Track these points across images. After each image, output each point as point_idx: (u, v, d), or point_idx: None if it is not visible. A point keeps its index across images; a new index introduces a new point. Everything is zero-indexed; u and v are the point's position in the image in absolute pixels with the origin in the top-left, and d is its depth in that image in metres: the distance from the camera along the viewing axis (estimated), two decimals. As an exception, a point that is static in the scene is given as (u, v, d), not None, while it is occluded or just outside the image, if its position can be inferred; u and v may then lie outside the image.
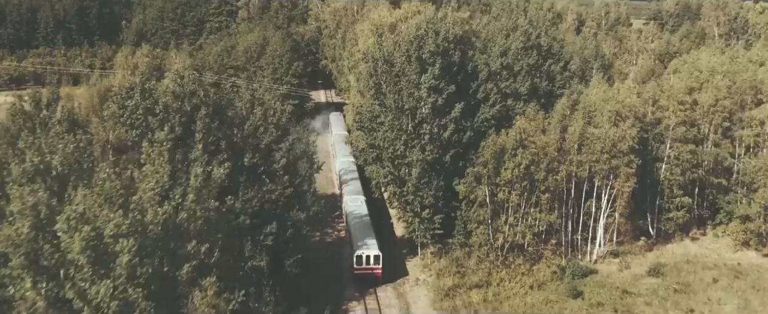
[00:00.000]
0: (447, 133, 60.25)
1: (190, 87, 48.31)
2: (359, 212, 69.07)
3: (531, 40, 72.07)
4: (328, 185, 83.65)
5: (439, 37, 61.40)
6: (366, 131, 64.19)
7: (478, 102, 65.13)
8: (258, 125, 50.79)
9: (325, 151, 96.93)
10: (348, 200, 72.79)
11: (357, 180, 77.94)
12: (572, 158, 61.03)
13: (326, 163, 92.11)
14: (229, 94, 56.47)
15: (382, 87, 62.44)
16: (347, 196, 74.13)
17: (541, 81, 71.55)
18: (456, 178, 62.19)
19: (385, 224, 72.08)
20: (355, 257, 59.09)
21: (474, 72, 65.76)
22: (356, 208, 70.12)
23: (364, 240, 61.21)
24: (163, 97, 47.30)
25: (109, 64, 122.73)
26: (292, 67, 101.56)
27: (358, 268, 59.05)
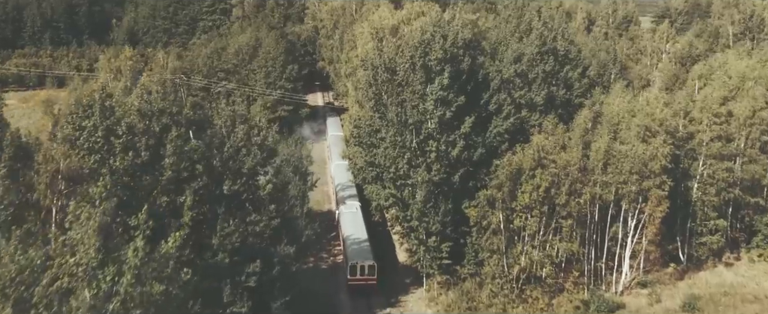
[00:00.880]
0: (456, 150, 52.97)
1: (158, 104, 40.89)
2: (354, 220, 63.61)
3: (547, 44, 64.69)
4: (323, 200, 76.40)
5: (446, 41, 54.03)
6: (365, 146, 56.82)
7: (489, 114, 57.73)
8: (239, 147, 43.41)
9: (322, 159, 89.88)
10: (342, 208, 67.69)
11: (352, 186, 72.28)
12: (596, 179, 53.76)
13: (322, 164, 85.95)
14: (206, 110, 48.96)
15: (383, 98, 55.12)
16: (341, 202, 69.02)
17: (558, 89, 64.20)
18: (465, 200, 55.01)
19: (386, 248, 64.70)
20: (349, 267, 55.62)
21: (485, 80, 58.36)
22: (351, 215, 64.87)
23: (358, 249, 57.70)
24: (126, 116, 39.94)
25: (96, 66, 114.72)
26: (286, 70, 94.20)
27: (352, 279, 55.69)
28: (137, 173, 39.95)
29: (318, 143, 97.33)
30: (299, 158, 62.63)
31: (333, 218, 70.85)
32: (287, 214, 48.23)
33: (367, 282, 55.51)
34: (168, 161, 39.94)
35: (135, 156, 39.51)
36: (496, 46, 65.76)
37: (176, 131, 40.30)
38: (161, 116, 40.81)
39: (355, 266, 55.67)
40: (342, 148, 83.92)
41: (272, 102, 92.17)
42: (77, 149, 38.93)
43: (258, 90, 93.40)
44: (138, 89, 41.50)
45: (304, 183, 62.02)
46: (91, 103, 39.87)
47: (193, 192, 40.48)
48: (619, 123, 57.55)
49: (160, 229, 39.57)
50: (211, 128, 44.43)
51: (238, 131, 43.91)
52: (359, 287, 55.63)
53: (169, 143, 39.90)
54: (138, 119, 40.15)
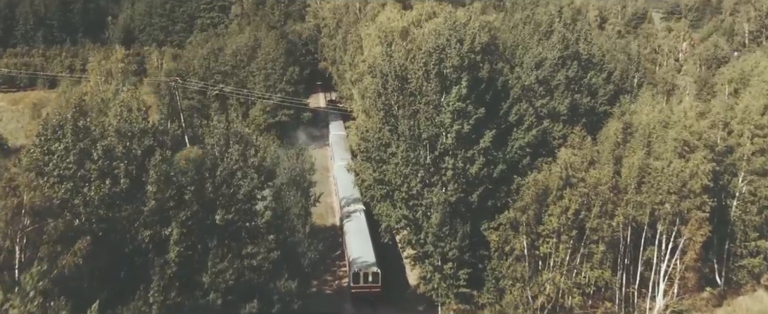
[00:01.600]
0: (475, 168, 47.51)
1: (140, 124, 35.34)
2: (357, 225, 59.40)
3: (569, 47, 59.14)
4: (326, 213, 70.90)
5: (463, 46, 48.50)
6: (373, 162, 51.26)
7: (509, 126, 52.22)
8: (234, 170, 37.90)
9: (324, 167, 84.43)
10: (345, 210, 63.96)
11: (355, 187, 67.21)
12: (629, 199, 48.25)
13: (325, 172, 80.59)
14: (195, 128, 43.50)
15: (393, 109, 49.58)
16: (344, 205, 64.70)
17: (581, 97, 58.68)
18: (484, 221, 49.66)
19: (395, 269, 59.25)
20: (352, 275, 52.86)
21: (504, 89, 52.86)
22: (353, 220, 61.07)
23: (361, 255, 54.43)
24: (103, 138, 34.45)
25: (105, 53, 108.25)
26: (287, 72, 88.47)
27: (355, 286, 52.85)
28: (116, 204, 34.55)
29: (321, 148, 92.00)
30: (301, 172, 57.14)
31: (337, 235, 65.47)
32: (288, 242, 42.90)
33: (371, 290, 52.50)
34: (151, 189, 34.52)
35: (113, 184, 34.09)
36: (513, 49, 60.23)
37: (161, 154, 34.79)
38: (143, 136, 35.26)
39: (359, 273, 52.65)
40: (346, 154, 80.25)
41: (272, 106, 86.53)
42: (46, 177, 33.49)
43: (257, 93, 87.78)
44: (117, 106, 35.81)
45: (306, 199, 56.66)
46: (62, 122, 34.34)
47: (181, 224, 35.24)
48: (651, 135, 52.04)
49: (142, 268, 34.37)
50: (201, 147, 38.89)
51: (233, 151, 38.38)
52: (363, 296, 52.70)
53: (152, 169, 34.41)
54: (117, 140, 34.65)
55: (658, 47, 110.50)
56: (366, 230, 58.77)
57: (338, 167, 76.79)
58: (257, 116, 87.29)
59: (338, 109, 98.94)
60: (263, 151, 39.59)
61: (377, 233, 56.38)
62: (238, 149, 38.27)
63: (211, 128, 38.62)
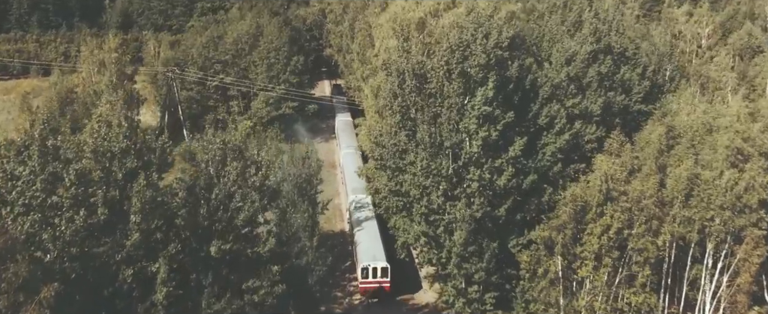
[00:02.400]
0: (503, 179, 42.04)
1: (120, 143, 29.73)
2: (364, 217, 56.56)
3: (602, 40, 53.28)
4: (334, 217, 65.28)
5: (489, 41, 42.77)
6: (389, 170, 45.68)
7: (538, 129, 46.66)
8: (232, 192, 32.36)
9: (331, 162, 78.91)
10: (352, 200, 60.77)
11: (363, 177, 63.26)
12: (676, 214, 42.70)
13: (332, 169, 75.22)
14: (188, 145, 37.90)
15: (411, 111, 43.96)
16: (352, 196, 61.65)
17: (615, 95, 52.90)
18: (512, 237, 44.32)
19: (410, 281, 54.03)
20: (360, 270, 50.58)
21: (533, 88, 47.23)
22: (361, 212, 57.68)
23: (370, 249, 52.12)
24: (77, 160, 28.91)
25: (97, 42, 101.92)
26: (291, 62, 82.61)
27: (364, 282, 50.54)
28: (93, 237, 29.08)
29: (327, 142, 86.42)
30: (308, 178, 51.55)
31: (347, 242, 60.09)
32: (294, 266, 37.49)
33: (380, 285, 50.25)
34: (134, 219, 28.99)
35: (89, 214, 28.56)
36: (539, 42, 54.37)
37: (146, 177, 29.25)
38: (125, 157, 29.68)
39: (367, 268, 50.21)
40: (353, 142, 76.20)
41: (275, 98, 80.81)
42: (8, 208, 28.00)
43: (259, 84, 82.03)
44: (93, 122, 30.15)
45: (313, 207, 51.19)
46: (28, 142, 28.76)
47: (170, 258, 29.73)
48: (694, 139, 46.43)
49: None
50: (194, 165, 33.33)
51: (231, 170, 32.81)
52: (372, 291, 50.60)
53: (135, 196, 28.87)
54: (93, 162, 29.09)
55: (679, 33, 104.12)
56: (374, 223, 55.31)
57: (345, 155, 73.10)
58: (259, 108, 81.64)
59: (345, 99, 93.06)
60: (266, 168, 33.92)
61: (386, 225, 51.70)
62: (236, 168, 32.69)
63: (205, 142, 32.90)
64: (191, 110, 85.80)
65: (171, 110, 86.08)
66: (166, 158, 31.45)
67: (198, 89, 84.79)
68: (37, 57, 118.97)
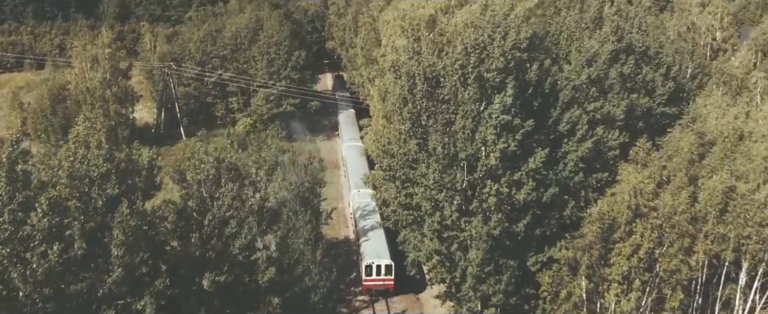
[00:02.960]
0: (523, 193, 38.47)
1: (101, 168, 26.14)
2: (367, 213, 55.21)
3: (623, 39, 49.56)
4: (339, 223, 61.77)
5: (507, 42, 39.10)
6: (398, 182, 42.13)
7: (558, 136, 43.09)
8: (227, 218, 28.87)
9: (333, 162, 75.54)
10: (354, 195, 59.45)
11: (366, 168, 63.87)
12: (709, 231, 39.19)
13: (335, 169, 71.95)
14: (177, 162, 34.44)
15: (422, 119, 40.35)
16: (354, 190, 60.44)
17: (638, 97, 49.27)
18: (531, 254, 40.88)
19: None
20: (364, 267, 49.57)
21: (553, 91, 43.62)
22: (364, 206, 56.28)
23: (374, 246, 51.13)
24: (50, 188, 25.38)
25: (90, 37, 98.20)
26: (292, 57, 78.88)
27: (367, 280, 49.66)
28: (70, 273, 25.61)
29: (329, 140, 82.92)
30: (311, 186, 48.16)
31: (352, 251, 56.72)
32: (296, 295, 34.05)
33: (384, 283, 49.57)
34: (116, 253, 25.50)
35: (64, 248, 25.07)
36: (556, 39, 50.68)
37: (129, 204, 25.74)
38: (105, 182, 26.14)
39: (371, 266, 49.30)
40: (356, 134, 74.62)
41: (276, 96, 77.20)
42: (-28, 242, 24.48)
43: (259, 80, 78.37)
44: (70, 143, 26.52)
45: (316, 218, 47.88)
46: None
47: (157, 295, 26.25)
48: (725, 147, 42.87)
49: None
50: (185, 185, 29.79)
51: (225, 192, 29.28)
52: (376, 289, 49.86)
53: (117, 226, 25.38)
54: (69, 190, 25.56)
55: (692, 24, 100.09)
56: (378, 219, 53.64)
57: (348, 148, 71.07)
58: (259, 105, 78.09)
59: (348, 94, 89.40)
60: (265, 189, 30.40)
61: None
62: (232, 189, 29.15)
63: (196, 161, 29.33)
64: (189, 106, 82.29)
65: (168, 106, 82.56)
66: (153, 181, 27.89)
67: (196, 85, 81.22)
68: (31, 50, 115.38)
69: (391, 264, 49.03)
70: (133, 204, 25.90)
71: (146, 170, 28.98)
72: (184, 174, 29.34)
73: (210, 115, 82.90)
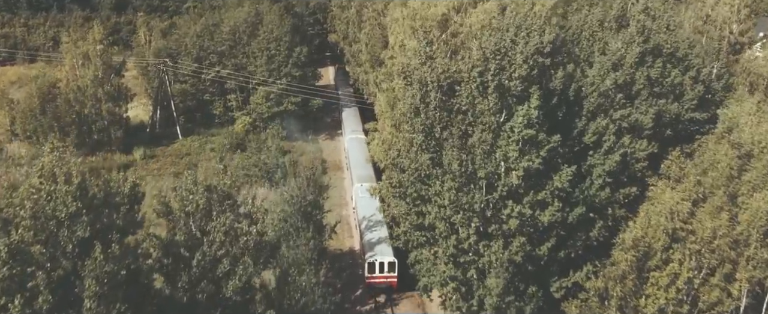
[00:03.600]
0: (547, 215, 34.68)
1: (70, 207, 22.24)
2: (370, 209, 52.40)
3: (650, 40, 45.48)
4: (343, 234, 57.79)
5: (529, 46, 35.16)
6: (409, 200, 38.32)
7: (583, 148, 39.29)
8: (218, 257, 25.08)
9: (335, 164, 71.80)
10: (358, 191, 57.08)
11: (369, 164, 62.10)
12: (752, 255, 35.36)
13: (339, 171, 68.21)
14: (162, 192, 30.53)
15: (436, 131, 36.51)
16: (357, 184, 58.13)
17: (666, 103, 45.29)
18: (554, 279, 37.17)
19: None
20: (367, 264, 47.79)
21: (577, 99, 39.80)
22: (367, 203, 53.65)
23: (377, 243, 49.11)
24: (12, 232, 21.53)
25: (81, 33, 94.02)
26: (293, 53, 74.83)
27: (370, 277, 47.93)
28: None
29: (332, 140, 79.05)
30: (314, 200, 44.38)
31: (358, 265, 52.92)
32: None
33: (387, 280, 47.87)
34: (89, 305, 21.72)
35: (27, 303, 21.30)
36: (577, 39, 46.71)
37: (103, 248, 21.93)
38: (76, 222, 22.31)
39: (374, 263, 47.52)
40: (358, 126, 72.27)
41: (276, 94, 73.27)
42: None
43: (259, 78, 74.41)
44: (35, 178, 22.54)
45: (320, 234, 44.17)
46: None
47: (138, 350, 22.38)
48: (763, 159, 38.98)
49: None
50: (169, 219, 25.94)
51: (218, 226, 25.46)
52: (379, 286, 48.04)
53: (89, 275, 21.58)
54: (32, 234, 21.74)
55: (707, 17, 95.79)
56: (381, 214, 50.92)
57: (350, 140, 68.60)
58: (259, 104, 74.18)
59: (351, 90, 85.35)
60: (263, 219, 26.57)
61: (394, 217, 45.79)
62: (225, 223, 25.32)
63: (183, 191, 25.47)
64: (185, 104, 78.40)
65: (164, 104, 78.62)
66: (134, 217, 24.04)
67: (193, 82, 77.26)
68: (24, 42, 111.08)
69: (394, 261, 47.07)
70: (109, 247, 22.08)
71: (127, 200, 25.09)
72: (170, 206, 25.48)
73: (207, 113, 79.02)
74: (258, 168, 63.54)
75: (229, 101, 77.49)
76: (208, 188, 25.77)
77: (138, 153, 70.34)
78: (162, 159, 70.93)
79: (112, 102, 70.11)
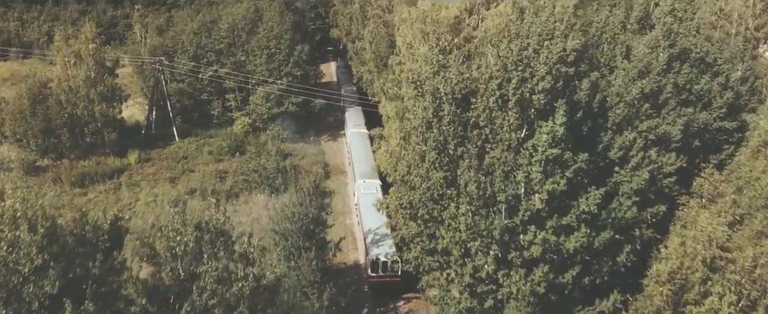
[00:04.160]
0: (573, 242, 31.48)
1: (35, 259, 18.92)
2: (373, 204, 49.54)
3: (677, 43, 42.12)
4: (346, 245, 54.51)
5: (552, 54, 31.84)
6: (421, 222, 35.12)
7: (608, 164, 36.09)
8: (210, 306, 21.87)
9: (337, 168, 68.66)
10: (359, 185, 55.60)
11: (370, 157, 61.00)
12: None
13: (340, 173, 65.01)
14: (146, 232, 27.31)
15: (451, 148, 33.28)
16: (359, 180, 56.58)
17: (695, 112, 41.99)
18: (578, 306, 33.99)
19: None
20: (370, 263, 46.50)
21: (601, 110, 36.55)
22: (369, 199, 51.81)
23: (380, 240, 47.54)
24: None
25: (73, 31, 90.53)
26: (294, 52, 71.44)
27: (374, 275, 46.50)
28: None
29: (335, 141, 75.82)
30: (317, 217, 41.20)
31: (362, 279, 49.85)
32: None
33: (391, 279, 46.26)
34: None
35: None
36: (597, 41, 43.38)
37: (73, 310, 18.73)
38: (42, 278, 19.05)
39: (377, 262, 46.17)
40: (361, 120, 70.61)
41: (276, 95, 69.99)
42: None
43: (258, 77, 71.09)
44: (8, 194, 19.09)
45: (323, 252, 41.08)
46: None
47: None
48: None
49: None
50: (154, 261, 22.69)
51: (210, 270, 22.24)
52: (383, 285, 46.42)
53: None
54: None
55: (720, 11, 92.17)
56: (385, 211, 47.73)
57: (352, 134, 67.05)
58: (259, 105, 70.91)
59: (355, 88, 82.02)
60: (261, 263, 23.36)
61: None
62: (217, 268, 22.11)
63: (172, 232, 22.21)
64: (182, 104, 75.12)
65: (160, 104, 75.33)
66: (113, 264, 20.80)
67: (190, 81, 73.93)
68: (17, 37, 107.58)
69: (398, 259, 45.22)
70: (82, 305, 18.89)
71: (107, 238, 21.87)
72: (154, 247, 22.27)
73: (205, 113, 75.74)
74: (257, 174, 60.45)
75: (228, 100, 74.23)
76: (198, 227, 22.53)
77: (133, 156, 67.09)
78: (158, 163, 67.67)
79: (105, 103, 66.82)
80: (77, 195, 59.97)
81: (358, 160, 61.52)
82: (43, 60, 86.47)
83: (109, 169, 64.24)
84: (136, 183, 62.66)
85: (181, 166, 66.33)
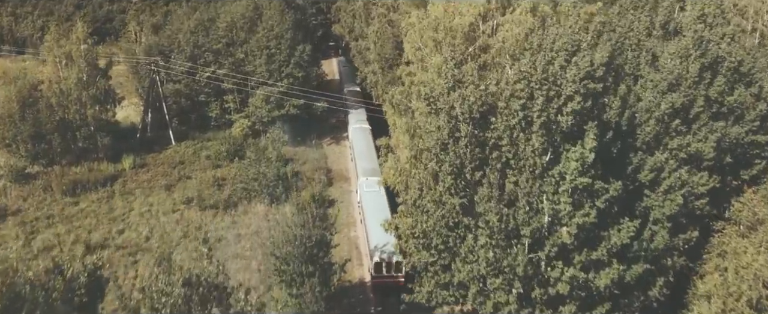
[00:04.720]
0: (604, 279, 28.39)
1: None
2: (377, 204, 49.76)
3: (709, 52, 38.81)
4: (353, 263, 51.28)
5: (580, 70, 28.59)
6: (434, 252, 31.98)
7: (638, 187, 32.93)
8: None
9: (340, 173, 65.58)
10: (362, 183, 54.24)
11: (373, 153, 59.66)
12: None
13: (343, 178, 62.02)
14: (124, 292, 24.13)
15: (468, 173, 30.12)
16: (362, 178, 55.21)
17: (727, 126, 38.78)
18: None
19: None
20: (373, 263, 45.18)
21: (631, 128, 33.39)
22: (373, 197, 51.02)
23: (383, 241, 45.40)
24: None
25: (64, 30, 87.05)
26: (296, 52, 68.12)
27: (377, 277, 45.32)
28: None
29: (337, 145, 72.68)
30: (320, 238, 38.09)
31: (369, 299, 46.84)
32: None
33: (395, 280, 44.86)
34: None
35: None
36: (620, 48, 40.08)
37: None
38: None
39: (380, 263, 44.96)
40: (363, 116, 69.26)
41: (277, 97, 66.79)
42: None
43: (258, 78, 67.86)
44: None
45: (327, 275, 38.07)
46: None
47: None
48: None
49: None
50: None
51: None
52: (386, 287, 45.00)
53: None
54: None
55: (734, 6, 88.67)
56: (387, 211, 48.39)
57: (354, 130, 65.73)
58: (258, 107, 67.70)
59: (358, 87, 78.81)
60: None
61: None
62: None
63: (153, 293, 19.08)
64: (179, 105, 71.91)
65: (156, 105, 72.12)
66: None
67: (187, 82, 70.67)
68: (11, 33, 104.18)
69: (402, 261, 43.25)
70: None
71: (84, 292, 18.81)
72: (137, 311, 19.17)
73: (203, 115, 72.53)
74: (257, 182, 57.35)
75: (226, 102, 71.03)
76: (188, 283, 19.43)
77: (127, 162, 63.90)
78: (153, 168, 64.49)
79: (98, 106, 63.62)
80: (68, 205, 56.84)
81: (360, 157, 59.73)
82: (36, 58, 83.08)
83: (102, 176, 61.08)
84: (130, 191, 59.51)
85: (178, 172, 63.18)
